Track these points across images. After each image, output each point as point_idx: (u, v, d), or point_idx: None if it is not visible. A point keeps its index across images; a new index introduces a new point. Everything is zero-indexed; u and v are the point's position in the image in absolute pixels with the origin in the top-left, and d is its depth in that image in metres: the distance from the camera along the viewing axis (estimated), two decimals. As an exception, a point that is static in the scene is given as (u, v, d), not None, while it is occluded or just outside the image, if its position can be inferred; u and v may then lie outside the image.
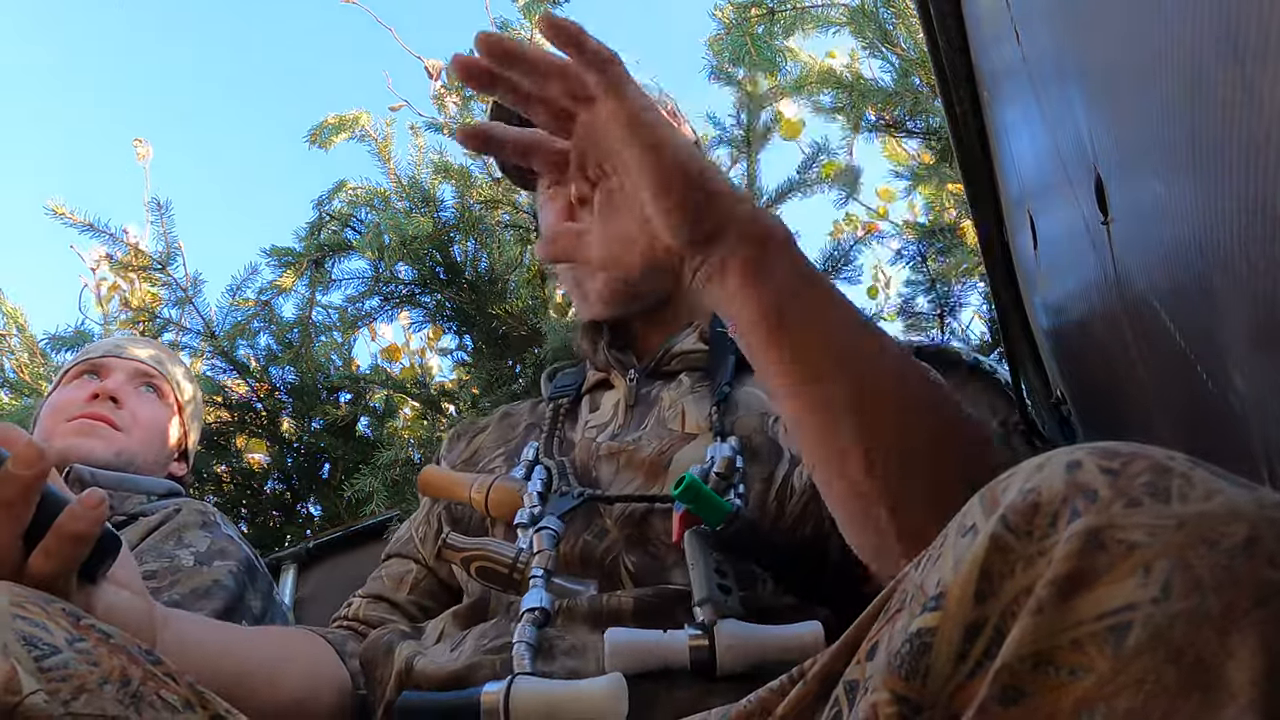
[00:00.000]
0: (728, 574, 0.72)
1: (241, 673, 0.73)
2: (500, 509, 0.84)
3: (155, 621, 0.66)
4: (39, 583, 0.56)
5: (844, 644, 0.49)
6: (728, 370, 0.89)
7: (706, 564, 0.71)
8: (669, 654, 0.68)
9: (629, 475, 0.84)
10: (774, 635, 0.69)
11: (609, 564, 0.78)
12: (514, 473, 0.88)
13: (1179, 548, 0.35)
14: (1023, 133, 0.89)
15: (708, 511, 0.73)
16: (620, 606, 0.73)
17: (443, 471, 0.94)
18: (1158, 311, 0.54)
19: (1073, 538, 0.36)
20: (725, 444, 0.81)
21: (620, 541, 0.79)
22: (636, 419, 0.91)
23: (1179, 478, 0.37)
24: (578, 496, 0.81)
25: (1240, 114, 0.34)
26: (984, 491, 0.42)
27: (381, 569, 0.99)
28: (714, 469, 0.78)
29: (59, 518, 0.57)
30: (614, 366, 0.96)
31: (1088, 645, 0.35)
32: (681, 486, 0.72)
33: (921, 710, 0.39)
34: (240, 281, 2.19)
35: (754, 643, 0.68)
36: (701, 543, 0.73)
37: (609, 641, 0.68)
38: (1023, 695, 0.36)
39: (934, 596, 0.40)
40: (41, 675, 0.46)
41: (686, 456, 0.83)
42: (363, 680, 0.83)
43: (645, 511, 0.80)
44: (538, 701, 0.64)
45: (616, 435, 0.90)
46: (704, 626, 0.68)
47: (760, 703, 0.54)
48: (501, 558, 0.76)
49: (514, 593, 0.76)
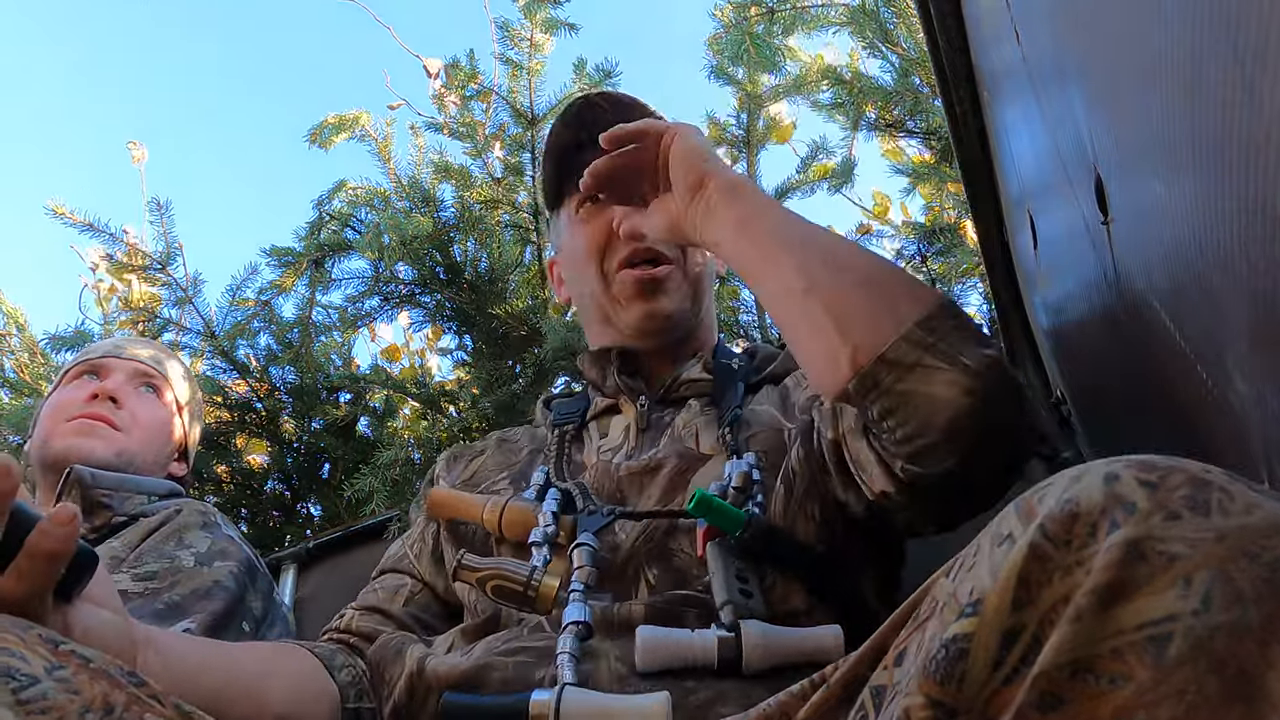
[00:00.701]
0: (749, 580, 0.75)
1: (224, 689, 0.72)
2: (513, 529, 0.87)
3: (136, 641, 0.65)
4: (12, 605, 0.54)
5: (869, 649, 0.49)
6: (736, 395, 0.94)
7: (728, 570, 0.75)
8: (698, 652, 0.71)
9: (651, 493, 0.87)
10: (798, 636, 0.72)
11: (629, 577, 0.81)
12: (525, 495, 0.91)
13: (1220, 560, 0.35)
14: (1023, 132, 0.88)
15: (724, 522, 0.77)
16: (631, 614, 0.75)
17: (454, 493, 0.96)
18: (1158, 311, 0.54)
19: (1113, 548, 0.37)
20: (742, 460, 0.84)
21: (641, 555, 0.82)
22: (649, 441, 0.94)
23: (1218, 491, 0.37)
24: (607, 514, 0.84)
25: (1240, 114, 0.34)
26: (1019, 501, 0.42)
27: (375, 583, 1.00)
28: (731, 484, 0.82)
29: (30, 536, 0.55)
30: (624, 392, 1.00)
31: (1128, 654, 0.35)
32: (694, 501, 0.76)
33: (956, 715, 0.39)
34: (240, 281, 2.19)
35: (778, 643, 0.71)
36: (723, 552, 0.77)
37: (640, 638, 0.71)
38: (1061, 702, 0.36)
39: (970, 603, 0.40)
40: (20, 708, 0.44)
41: (705, 476, 0.87)
42: (353, 693, 0.83)
43: (669, 527, 0.83)
44: (588, 713, 0.66)
45: (632, 456, 0.93)
46: (730, 627, 0.71)
47: (780, 706, 0.55)
48: (517, 576, 0.78)
49: (529, 610, 0.79)
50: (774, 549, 0.78)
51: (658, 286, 1.00)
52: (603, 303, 1.04)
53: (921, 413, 0.70)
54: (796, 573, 0.79)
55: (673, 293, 1.01)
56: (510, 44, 2.11)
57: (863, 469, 0.78)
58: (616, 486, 0.89)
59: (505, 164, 2.21)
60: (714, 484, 0.83)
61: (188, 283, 2.19)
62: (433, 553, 0.99)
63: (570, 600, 0.76)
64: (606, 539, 0.84)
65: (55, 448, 1.34)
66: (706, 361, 1.01)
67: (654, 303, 1.00)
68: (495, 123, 2.21)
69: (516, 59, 2.12)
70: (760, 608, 0.73)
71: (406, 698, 0.78)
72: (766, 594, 0.76)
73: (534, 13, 2.10)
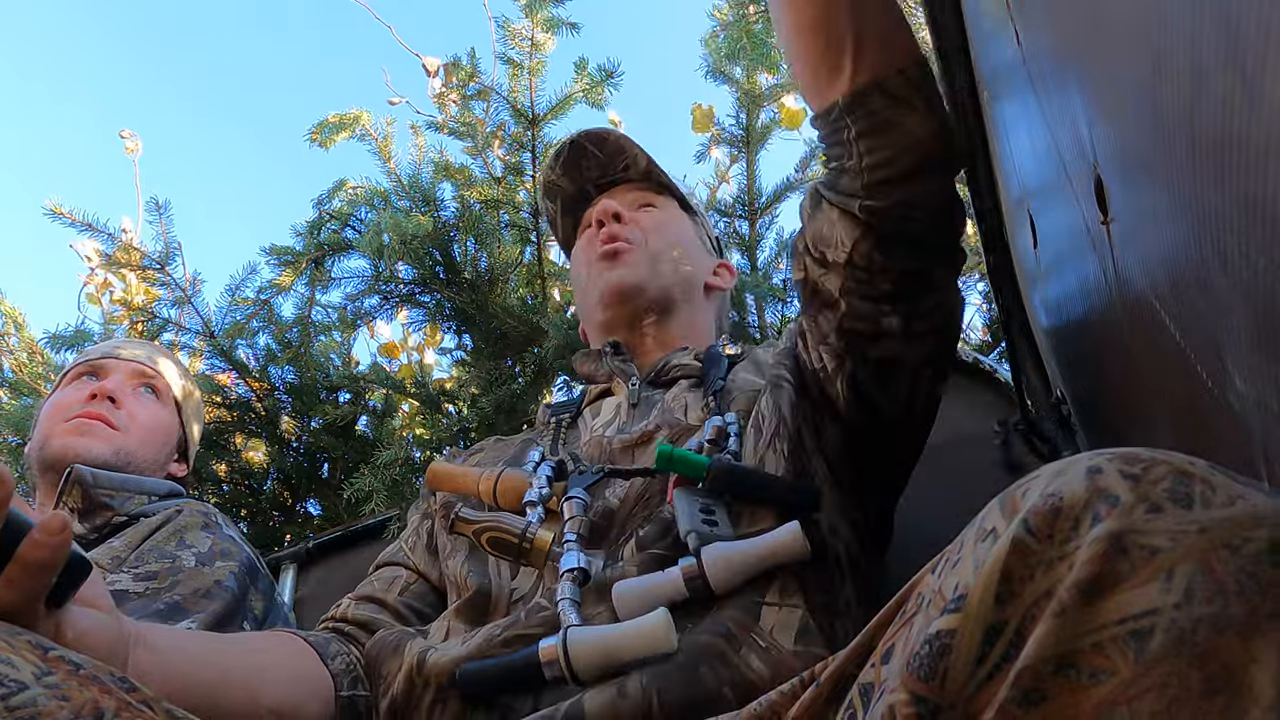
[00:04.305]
0: (715, 512, 0.80)
1: (218, 681, 0.73)
2: (507, 497, 0.89)
3: (127, 640, 0.65)
4: (4, 613, 0.54)
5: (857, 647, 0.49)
6: (720, 370, 0.99)
7: (691, 506, 0.79)
8: (669, 589, 0.74)
9: (643, 462, 0.91)
10: (755, 544, 0.75)
11: (622, 539, 0.84)
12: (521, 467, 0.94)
13: (1201, 552, 0.35)
14: (1022, 132, 0.88)
15: (687, 469, 0.82)
16: (624, 576, 0.77)
17: (452, 465, 0.98)
18: (1157, 311, 0.54)
19: (1095, 542, 0.37)
20: (719, 417, 0.90)
21: (636, 519, 0.85)
22: (640, 415, 0.99)
23: (1200, 483, 0.37)
24: (596, 472, 0.88)
25: (1240, 114, 0.34)
26: (1004, 495, 0.42)
27: (371, 577, 1.01)
28: (706, 439, 0.87)
29: (20, 546, 0.55)
30: (616, 374, 1.07)
31: (1110, 649, 0.35)
32: (657, 456, 0.82)
33: (940, 711, 0.39)
34: (239, 281, 2.18)
35: (738, 556, 0.74)
36: (687, 493, 0.81)
37: (616, 593, 0.74)
38: (1044, 698, 0.36)
39: (954, 599, 0.40)
40: (8, 715, 0.44)
41: (692, 443, 0.90)
42: (347, 681, 0.84)
43: (661, 490, 0.86)
44: (595, 646, 0.69)
45: (624, 430, 0.97)
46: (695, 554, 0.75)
47: (770, 705, 0.55)
48: (512, 528, 0.81)
49: (524, 562, 0.82)
50: (739, 484, 0.82)
51: (617, 257, 1.13)
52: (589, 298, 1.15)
53: (897, 144, 0.82)
54: (766, 501, 0.82)
55: (631, 265, 1.13)
56: (510, 43, 2.11)
57: (827, 242, 0.87)
58: (609, 459, 0.93)
59: (505, 163, 2.20)
60: (692, 441, 0.89)
61: (187, 282, 2.19)
62: (427, 545, 1.00)
63: (565, 551, 0.79)
64: (599, 503, 0.87)
65: (54, 447, 1.35)
66: (697, 353, 1.06)
67: (613, 270, 1.12)
68: (495, 122, 2.20)
69: (517, 58, 2.11)
70: (727, 533, 0.77)
71: (405, 692, 0.78)
72: (735, 521, 0.80)
73: (535, 11, 2.10)
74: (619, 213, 1.16)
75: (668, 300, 1.13)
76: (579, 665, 0.68)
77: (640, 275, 1.12)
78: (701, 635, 0.70)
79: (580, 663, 0.68)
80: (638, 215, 1.18)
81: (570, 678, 0.69)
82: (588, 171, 1.26)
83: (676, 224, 1.21)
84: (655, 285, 1.12)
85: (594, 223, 1.17)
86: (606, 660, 0.68)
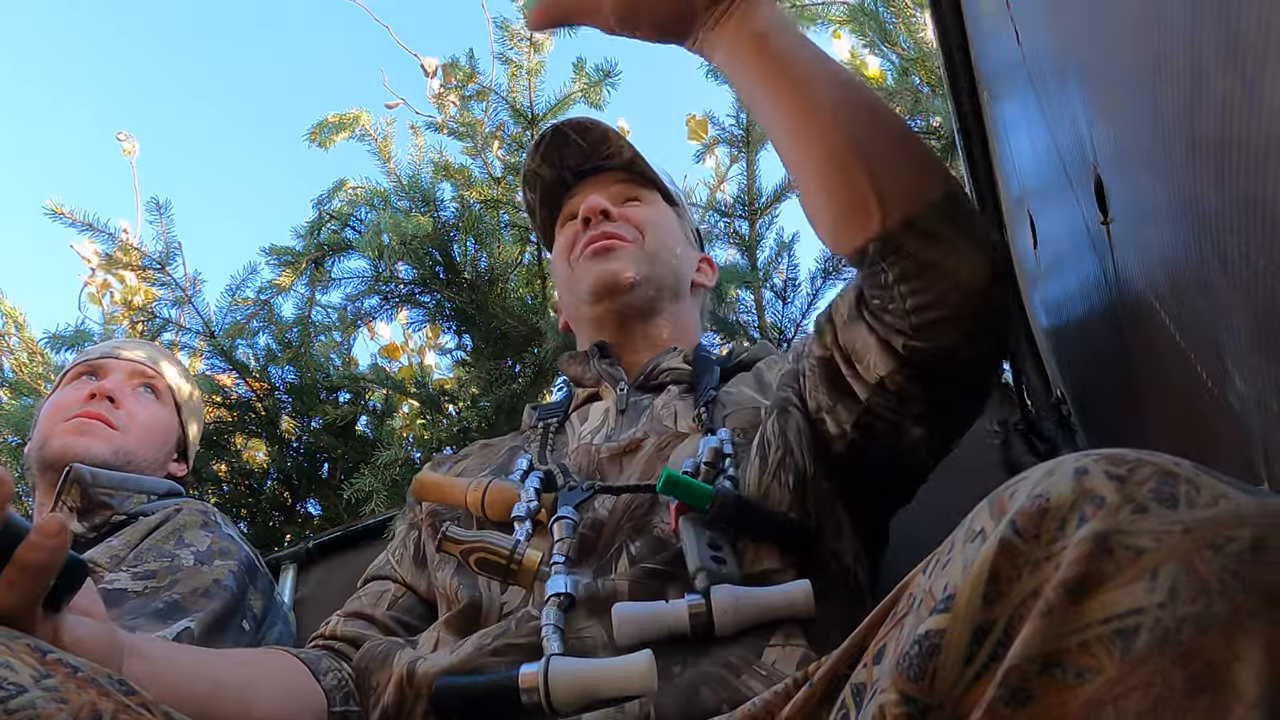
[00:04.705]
0: (722, 548, 0.77)
1: (210, 695, 0.72)
2: (495, 509, 0.88)
3: (121, 649, 0.65)
4: (1, 616, 0.54)
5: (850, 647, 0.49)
6: (713, 378, 0.97)
7: (699, 540, 0.77)
8: (670, 621, 0.72)
9: (631, 472, 0.89)
10: (766, 595, 0.73)
11: (611, 552, 0.82)
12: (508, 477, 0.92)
13: (1185, 552, 0.35)
14: (1022, 132, 0.88)
15: (691, 498, 0.79)
16: (616, 591, 0.77)
17: (439, 476, 0.97)
18: (1157, 311, 0.54)
19: (1081, 542, 0.37)
20: (714, 437, 0.86)
21: (624, 531, 0.83)
22: (628, 422, 0.97)
23: (1185, 483, 0.37)
24: (586, 489, 0.86)
25: (1240, 114, 0.34)
26: (992, 496, 0.43)
27: (359, 592, 1.00)
28: (703, 460, 0.84)
29: (18, 549, 0.55)
30: (604, 378, 1.04)
31: (1095, 648, 0.35)
32: (662, 481, 0.78)
33: (929, 711, 0.39)
34: (239, 281, 2.18)
35: (747, 603, 0.72)
36: (694, 524, 0.78)
37: (616, 614, 0.73)
38: (1030, 697, 0.36)
39: (943, 599, 0.40)
40: (8, 718, 0.44)
41: (682, 453, 0.88)
42: (339, 697, 0.83)
43: (650, 503, 0.84)
44: (576, 680, 0.68)
45: (611, 437, 0.95)
46: (703, 593, 0.73)
47: (764, 705, 0.55)
48: (500, 549, 0.79)
49: (511, 582, 0.80)
50: (744, 518, 0.80)
51: (610, 251, 1.07)
52: (573, 292, 1.11)
53: (939, 285, 0.74)
54: (769, 537, 0.80)
55: (625, 259, 1.07)
56: (509, 43, 2.11)
57: (860, 358, 0.80)
58: (596, 467, 0.91)
59: (505, 164, 2.20)
60: (687, 460, 0.85)
61: (187, 282, 2.19)
62: (414, 557, 1.00)
63: (552, 573, 0.78)
64: (588, 515, 0.85)
65: (53, 447, 1.35)
66: (686, 355, 1.04)
67: (605, 263, 1.07)
68: (494, 122, 2.20)
69: (515, 58, 2.11)
70: (734, 572, 0.75)
71: (396, 703, 0.78)
72: (740, 557, 0.78)
73: (534, 12, 2.09)
74: (607, 210, 1.10)
75: (660, 298, 1.10)
76: (557, 697, 0.68)
77: (637, 271, 1.08)
78: (704, 666, 0.70)
79: (558, 695, 0.68)
80: (626, 211, 1.13)
81: (548, 707, 0.68)
82: (568, 159, 1.20)
83: (666, 219, 1.17)
84: (652, 283, 1.09)
85: (580, 220, 1.11)
86: (585, 695, 0.68)
